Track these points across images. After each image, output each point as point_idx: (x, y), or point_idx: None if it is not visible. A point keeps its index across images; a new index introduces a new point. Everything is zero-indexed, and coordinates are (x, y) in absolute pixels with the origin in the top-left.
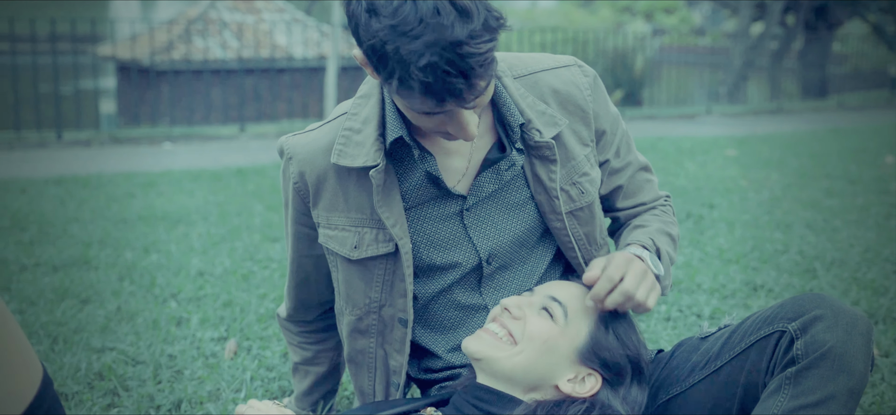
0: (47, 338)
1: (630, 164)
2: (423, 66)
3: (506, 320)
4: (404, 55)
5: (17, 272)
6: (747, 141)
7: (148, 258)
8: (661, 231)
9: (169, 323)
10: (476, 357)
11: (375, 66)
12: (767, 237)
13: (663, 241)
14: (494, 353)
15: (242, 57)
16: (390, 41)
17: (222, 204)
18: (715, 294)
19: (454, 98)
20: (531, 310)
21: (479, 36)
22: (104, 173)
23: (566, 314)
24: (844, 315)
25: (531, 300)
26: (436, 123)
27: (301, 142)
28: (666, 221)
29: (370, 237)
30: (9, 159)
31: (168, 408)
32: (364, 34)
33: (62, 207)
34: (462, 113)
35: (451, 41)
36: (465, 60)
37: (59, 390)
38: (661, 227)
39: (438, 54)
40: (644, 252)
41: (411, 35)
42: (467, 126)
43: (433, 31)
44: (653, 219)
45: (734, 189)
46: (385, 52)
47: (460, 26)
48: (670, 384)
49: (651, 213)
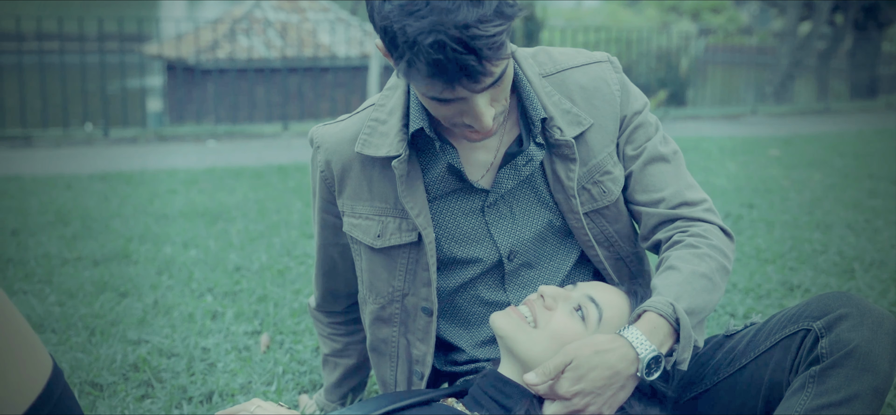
0: (85, 330)
1: (644, 151)
2: (430, 44)
3: (537, 306)
4: (411, 34)
5: (59, 266)
6: (792, 141)
7: (187, 253)
8: (694, 275)
9: (204, 317)
10: (499, 333)
11: (389, 49)
12: (806, 237)
13: (695, 289)
14: (516, 334)
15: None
16: (398, 21)
17: (262, 201)
18: (750, 294)
19: (465, 77)
20: (565, 305)
21: (488, 20)
22: (147, 170)
23: (600, 319)
24: (870, 314)
25: (569, 295)
26: (452, 113)
27: (329, 132)
28: (702, 254)
29: (393, 226)
30: (57, 156)
31: (199, 400)
32: (377, 17)
33: (105, 202)
34: (477, 102)
35: (458, 23)
36: (473, 41)
37: (93, 380)
38: (695, 269)
39: (445, 33)
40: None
41: (418, 15)
42: (483, 116)
43: (440, 12)
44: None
45: (775, 189)
46: (394, 33)
47: (469, 9)
48: (696, 382)
49: (686, 246)
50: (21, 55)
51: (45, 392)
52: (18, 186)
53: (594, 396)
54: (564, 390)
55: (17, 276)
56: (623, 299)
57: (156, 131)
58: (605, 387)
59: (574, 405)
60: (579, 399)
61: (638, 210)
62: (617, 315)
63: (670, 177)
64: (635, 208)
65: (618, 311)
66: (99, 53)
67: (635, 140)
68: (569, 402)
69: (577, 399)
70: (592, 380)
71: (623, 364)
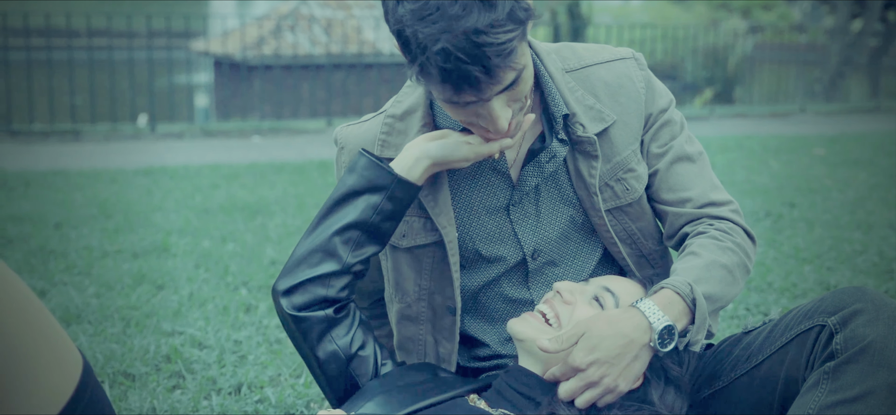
0: (121, 321)
1: (670, 150)
2: (437, 51)
3: (556, 303)
4: (422, 39)
5: (99, 258)
6: (838, 140)
7: (224, 247)
8: (713, 264)
9: (238, 310)
10: (519, 338)
11: (403, 52)
12: (846, 237)
13: (714, 278)
14: (537, 335)
15: (331, 52)
16: (410, 25)
17: (301, 196)
18: (785, 293)
19: (471, 87)
20: (582, 297)
21: (500, 26)
22: (191, 165)
23: (617, 306)
24: (886, 309)
25: (585, 288)
26: (467, 115)
27: (353, 132)
28: (724, 247)
29: (418, 226)
30: (104, 151)
31: (228, 391)
32: (391, 20)
33: (148, 196)
34: (491, 106)
35: (468, 29)
36: (481, 49)
37: (126, 370)
38: (714, 258)
39: (452, 41)
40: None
41: (429, 20)
42: (497, 120)
43: (450, 18)
44: (710, 245)
45: (818, 188)
46: (407, 37)
47: (480, 14)
48: (713, 379)
49: (709, 237)
50: (71, 51)
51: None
52: (65, 179)
53: (609, 366)
54: (579, 360)
55: (57, 267)
56: (638, 288)
57: (202, 127)
58: (619, 356)
59: (589, 376)
60: (595, 370)
61: (663, 209)
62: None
63: (696, 177)
64: (660, 207)
65: (634, 298)
66: (147, 50)
67: (660, 138)
68: (585, 373)
69: (593, 370)
70: (607, 349)
71: (636, 333)
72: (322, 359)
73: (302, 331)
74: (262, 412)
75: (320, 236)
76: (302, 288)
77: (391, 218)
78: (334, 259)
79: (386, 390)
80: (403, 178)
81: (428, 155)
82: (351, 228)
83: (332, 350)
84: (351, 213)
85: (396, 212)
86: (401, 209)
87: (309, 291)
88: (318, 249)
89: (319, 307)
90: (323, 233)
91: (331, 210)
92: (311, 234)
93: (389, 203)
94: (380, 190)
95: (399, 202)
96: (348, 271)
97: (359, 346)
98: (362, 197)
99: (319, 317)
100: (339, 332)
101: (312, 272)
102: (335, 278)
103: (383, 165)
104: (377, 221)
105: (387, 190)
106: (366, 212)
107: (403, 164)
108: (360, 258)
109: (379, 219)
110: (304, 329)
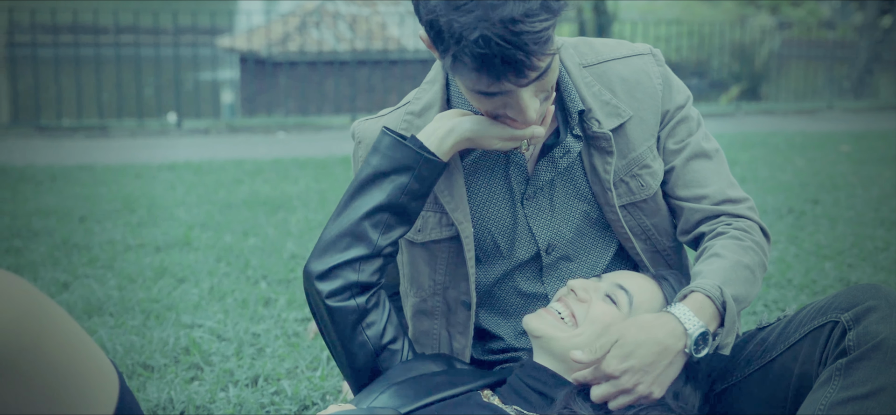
0: (142, 314)
1: (686, 147)
2: (476, 39)
3: (570, 301)
4: (457, 29)
5: (122, 252)
6: (865, 137)
7: (246, 241)
8: (737, 265)
9: (257, 303)
10: (535, 335)
11: (434, 43)
12: (869, 235)
13: (739, 279)
14: (554, 332)
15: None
16: (444, 15)
17: (324, 191)
18: (805, 290)
19: (512, 71)
20: (597, 294)
21: (534, 15)
22: (215, 160)
23: (631, 304)
24: None
25: (598, 285)
26: (495, 106)
27: (370, 127)
28: (745, 246)
29: (434, 221)
30: (131, 146)
31: (245, 383)
32: (423, 11)
33: (172, 191)
34: (521, 96)
35: (504, 17)
36: (520, 36)
37: (145, 362)
38: (738, 259)
39: (491, 28)
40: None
41: (465, 9)
42: (527, 110)
43: (486, 7)
44: (732, 246)
45: (842, 185)
46: (440, 28)
47: (516, 3)
48: (727, 374)
49: (731, 237)
50: (98, 48)
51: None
52: (91, 174)
53: (643, 373)
54: (613, 367)
55: (81, 261)
56: (651, 283)
57: (227, 123)
58: (653, 363)
59: (623, 384)
60: (628, 378)
61: (679, 205)
62: (647, 299)
63: (713, 174)
64: (676, 203)
65: (648, 295)
66: (174, 46)
67: (677, 134)
68: (618, 380)
69: (626, 378)
70: (641, 356)
71: (671, 339)
72: (352, 350)
73: (335, 319)
74: (277, 404)
75: (349, 219)
76: (333, 274)
77: (419, 197)
78: (364, 243)
79: (399, 382)
80: (430, 155)
81: (460, 130)
82: (380, 211)
83: (362, 341)
84: (378, 195)
85: (423, 191)
86: (427, 188)
87: (341, 277)
88: (347, 232)
89: (351, 294)
90: (351, 215)
91: (358, 191)
92: (340, 216)
93: (416, 183)
94: (407, 170)
95: (425, 181)
96: (379, 255)
97: (390, 339)
98: (389, 178)
99: (351, 307)
100: (370, 321)
101: (343, 257)
102: (366, 262)
103: (408, 144)
104: (405, 202)
105: (414, 170)
106: (394, 193)
107: (434, 136)
108: (390, 240)
109: (407, 199)
110: (337, 317)
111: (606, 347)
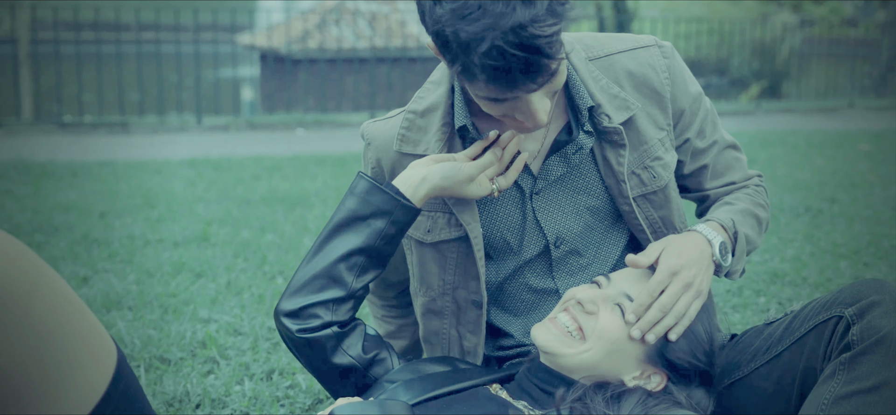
0: (159, 308)
1: (716, 143)
2: (487, 50)
3: (577, 314)
4: (464, 39)
5: (141, 247)
6: (885, 135)
7: (263, 237)
8: (747, 212)
9: (273, 298)
10: (544, 349)
11: (441, 52)
12: (886, 233)
13: (747, 223)
14: (562, 348)
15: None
16: (451, 25)
17: (342, 188)
18: (820, 288)
19: (524, 78)
20: (605, 304)
21: (542, 20)
22: (234, 156)
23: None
24: None
25: (606, 294)
26: (504, 110)
27: (379, 128)
28: (756, 202)
29: (443, 222)
30: (151, 142)
31: (260, 377)
32: (429, 20)
33: (191, 187)
34: (530, 99)
35: (512, 25)
36: (531, 41)
37: (162, 355)
38: (748, 207)
39: (500, 37)
40: (716, 237)
41: (471, 19)
42: (536, 113)
43: (492, 15)
44: (744, 197)
45: (860, 184)
46: (447, 37)
47: (522, 10)
48: (733, 369)
49: (744, 191)
50: (120, 45)
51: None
52: (111, 170)
53: (697, 267)
54: (673, 263)
55: (100, 256)
56: None
57: (247, 120)
58: (699, 259)
59: (684, 278)
60: (687, 271)
61: (706, 194)
62: None
63: (737, 161)
64: (703, 193)
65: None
66: (194, 44)
67: (704, 133)
68: (679, 275)
69: (686, 272)
70: (689, 254)
71: (703, 245)
72: (340, 370)
73: (313, 349)
74: (292, 398)
75: (324, 261)
76: (306, 311)
77: (393, 242)
78: (339, 285)
79: (407, 379)
80: (405, 202)
81: (432, 180)
82: (356, 254)
83: (348, 362)
84: (355, 238)
85: (398, 235)
86: (401, 232)
87: (315, 316)
88: (322, 275)
89: (324, 325)
90: (326, 258)
91: (332, 234)
92: (314, 258)
93: (393, 227)
94: (383, 215)
95: (401, 226)
96: (353, 296)
97: (374, 353)
98: (366, 222)
99: (328, 334)
100: (350, 343)
101: (317, 298)
102: (340, 304)
103: (385, 189)
104: (381, 246)
105: (390, 214)
106: (371, 238)
107: (409, 184)
108: (364, 283)
109: (383, 243)
110: (315, 347)
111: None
